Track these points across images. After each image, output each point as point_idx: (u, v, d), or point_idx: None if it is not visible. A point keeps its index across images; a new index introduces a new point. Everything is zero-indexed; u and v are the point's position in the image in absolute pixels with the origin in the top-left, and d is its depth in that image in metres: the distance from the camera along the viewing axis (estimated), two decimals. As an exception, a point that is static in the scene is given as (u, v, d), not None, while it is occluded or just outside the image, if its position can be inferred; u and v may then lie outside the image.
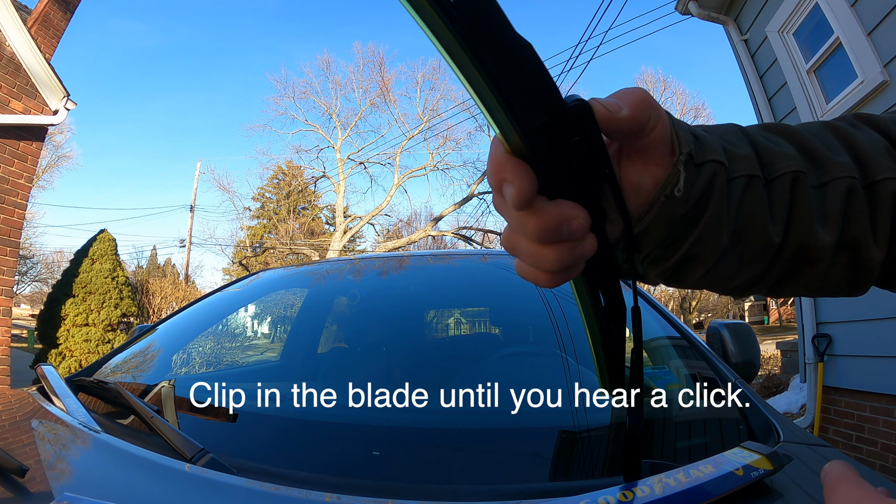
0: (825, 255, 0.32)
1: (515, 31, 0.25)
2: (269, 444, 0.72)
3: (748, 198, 0.30)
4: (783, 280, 0.34)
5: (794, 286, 0.35)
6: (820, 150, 0.33)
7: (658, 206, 0.29)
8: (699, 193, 0.29)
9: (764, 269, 0.33)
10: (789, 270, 0.33)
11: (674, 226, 0.30)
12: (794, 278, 0.34)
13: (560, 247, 0.28)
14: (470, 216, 21.70)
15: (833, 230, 0.32)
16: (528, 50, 0.25)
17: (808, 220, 0.31)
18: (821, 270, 0.33)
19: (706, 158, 0.30)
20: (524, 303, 1.17)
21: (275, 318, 2.36)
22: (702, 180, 0.29)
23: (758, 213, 0.31)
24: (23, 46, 3.94)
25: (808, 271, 0.33)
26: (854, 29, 2.78)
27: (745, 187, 0.30)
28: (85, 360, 5.77)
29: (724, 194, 0.30)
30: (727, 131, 0.33)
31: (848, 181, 0.32)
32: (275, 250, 18.52)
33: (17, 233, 4.09)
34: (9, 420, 0.83)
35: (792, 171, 0.31)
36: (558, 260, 0.28)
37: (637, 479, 0.50)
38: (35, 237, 21.05)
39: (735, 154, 0.31)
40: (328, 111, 16.52)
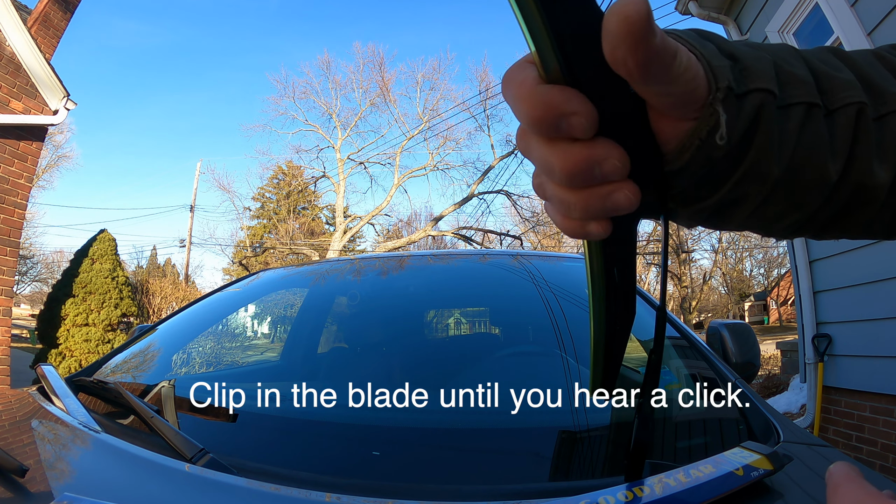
0: (880, 195, 0.29)
1: None
2: (269, 444, 0.72)
3: (808, 129, 0.26)
4: (831, 222, 0.31)
5: (841, 229, 0.32)
6: (876, 79, 0.29)
7: (691, 151, 0.25)
8: (742, 130, 0.25)
9: (815, 210, 0.29)
10: (840, 211, 0.30)
11: (712, 166, 0.25)
12: (843, 220, 0.31)
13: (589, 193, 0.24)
14: (470, 216, 21.67)
15: (891, 167, 0.29)
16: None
17: (868, 156, 0.28)
18: (873, 211, 0.30)
19: (750, 87, 0.25)
20: (524, 303, 1.17)
21: (275, 318, 2.36)
22: (745, 114, 0.25)
23: (817, 147, 0.27)
24: (23, 46, 3.94)
25: (860, 212, 0.30)
26: (854, 29, 2.78)
27: (804, 117, 0.26)
28: (85, 360, 5.77)
29: (775, 126, 0.25)
30: (781, 49, 0.29)
31: None
32: (275, 250, 18.52)
33: (17, 233, 4.09)
34: (9, 420, 0.83)
35: (857, 101, 0.28)
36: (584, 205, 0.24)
37: (637, 479, 0.50)
38: (35, 237, 21.08)
39: (791, 76, 0.27)
40: (328, 111, 16.52)
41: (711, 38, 0.27)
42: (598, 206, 0.24)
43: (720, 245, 20.33)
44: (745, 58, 0.26)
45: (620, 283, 0.30)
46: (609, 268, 0.29)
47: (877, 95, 0.29)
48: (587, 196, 0.24)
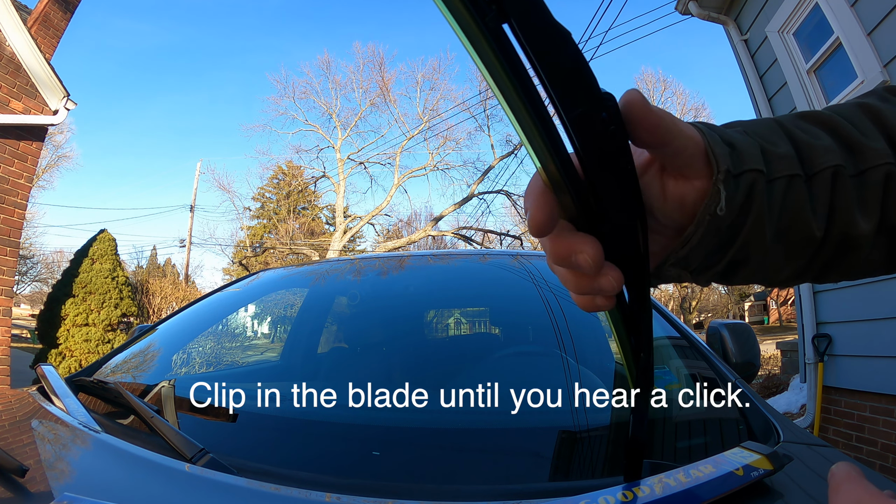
0: (866, 242, 0.33)
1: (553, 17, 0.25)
2: (269, 444, 0.72)
3: (790, 196, 0.31)
4: (826, 268, 0.35)
5: (836, 273, 0.35)
6: (855, 137, 0.33)
7: (704, 226, 0.30)
8: (740, 203, 0.30)
9: (808, 261, 0.33)
10: (832, 259, 0.34)
11: (720, 237, 0.31)
12: (836, 266, 0.34)
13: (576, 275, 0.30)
14: (470, 216, 21.68)
15: (872, 217, 0.32)
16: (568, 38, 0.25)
17: (849, 210, 0.32)
18: (861, 255, 0.33)
19: (744, 168, 0.30)
20: (524, 303, 1.17)
21: (275, 318, 2.36)
22: (741, 190, 0.30)
23: (800, 209, 0.31)
24: (23, 46, 3.94)
25: (849, 258, 0.34)
26: (854, 29, 2.78)
27: (786, 187, 0.31)
28: (85, 360, 5.77)
29: (765, 198, 0.30)
30: (765, 128, 0.33)
31: (885, 168, 0.32)
32: (275, 250, 18.51)
33: (17, 233, 4.09)
34: (9, 420, 0.83)
35: (832, 165, 0.31)
36: (576, 286, 0.30)
37: (637, 479, 0.50)
38: (35, 237, 21.07)
39: (774, 154, 0.31)
40: (328, 111, 16.52)
41: (715, 129, 0.32)
42: (587, 286, 0.30)
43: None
44: (739, 145, 0.31)
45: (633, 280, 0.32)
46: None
47: (857, 153, 0.32)
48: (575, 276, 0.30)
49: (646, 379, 0.39)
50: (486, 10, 0.24)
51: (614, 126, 0.28)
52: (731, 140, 0.31)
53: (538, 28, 0.25)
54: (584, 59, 0.26)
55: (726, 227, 0.30)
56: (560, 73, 0.26)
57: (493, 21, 0.24)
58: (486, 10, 0.24)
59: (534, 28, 0.25)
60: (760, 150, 0.31)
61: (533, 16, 0.24)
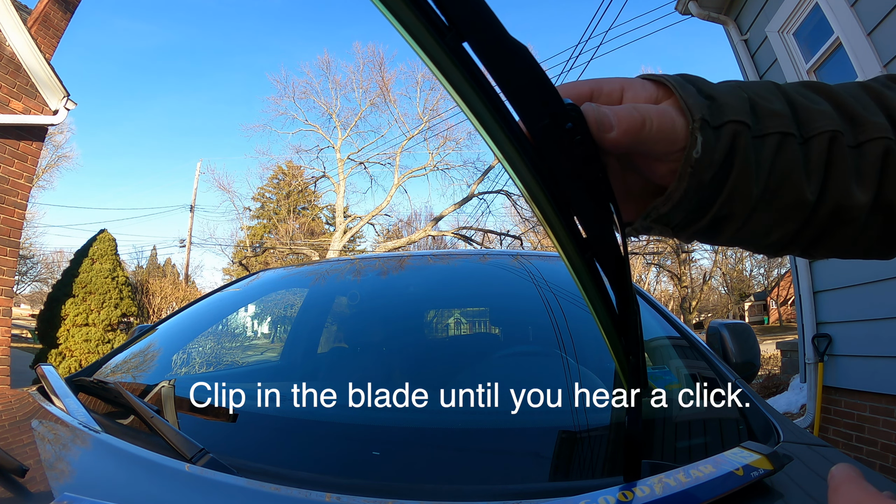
0: (860, 215, 0.32)
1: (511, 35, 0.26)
2: (269, 444, 0.72)
3: (782, 155, 0.30)
4: (817, 240, 0.34)
5: (827, 247, 0.35)
6: (857, 110, 0.32)
7: (686, 180, 0.30)
8: (722, 155, 0.30)
9: (798, 228, 0.33)
10: (824, 230, 0.33)
11: (702, 192, 0.30)
12: (828, 238, 0.34)
13: None
14: (470, 216, 21.67)
15: (869, 190, 0.32)
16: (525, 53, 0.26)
17: (845, 179, 0.31)
18: (855, 231, 0.33)
19: (725, 119, 0.30)
20: (524, 303, 1.17)
21: (275, 318, 2.36)
22: (722, 142, 0.30)
23: (792, 170, 0.31)
24: (23, 46, 3.94)
25: (842, 231, 0.33)
26: (854, 29, 2.78)
27: (778, 144, 0.30)
28: (85, 360, 5.77)
29: (751, 152, 0.30)
30: (762, 87, 0.33)
31: (885, 142, 0.32)
32: (275, 250, 18.51)
33: (17, 233, 4.09)
34: (9, 420, 0.83)
35: (830, 129, 0.31)
36: None
37: (637, 479, 0.50)
38: (35, 237, 21.08)
39: (767, 109, 0.31)
40: (328, 111, 16.52)
41: (693, 82, 0.32)
42: None
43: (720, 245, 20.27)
44: (722, 97, 0.31)
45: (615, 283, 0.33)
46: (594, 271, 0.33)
47: (857, 125, 0.32)
48: None
49: (638, 379, 0.39)
50: (444, 31, 0.24)
51: (580, 135, 0.28)
52: (711, 93, 0.31)
53: (494, 45, 0.25)
54: (542, 73, 0.27)
55: (709, 179, 0.30)
56: (520, 88, 0.26)
57: (452, 41, 0.25)
58: (444, 31, 0.24)
59: (490, 46, 0.25)
60: (750, 105, 0.31)
61: (488, 34, 0.25)
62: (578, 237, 0.31)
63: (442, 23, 0.24)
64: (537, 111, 0.27)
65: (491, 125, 0.27)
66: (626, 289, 0.34)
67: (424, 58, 0.25)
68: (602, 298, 0.34)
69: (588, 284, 0.34)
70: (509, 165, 0.28)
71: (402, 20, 0.24)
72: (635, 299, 0.36)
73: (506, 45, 0.26)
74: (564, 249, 0.32)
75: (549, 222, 0.30)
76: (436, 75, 0.26)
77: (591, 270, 0.33)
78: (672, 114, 0.30)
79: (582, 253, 0.32)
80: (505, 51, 0.26)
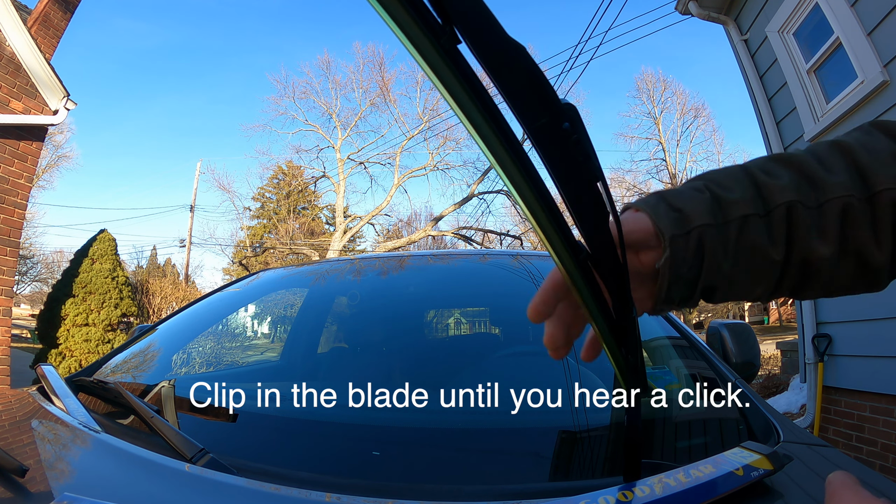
0: (826, 265, 0.38)
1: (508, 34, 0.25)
2: (269, 444, 0.72)
3: (745, 233, 0.38)
4: (798, 288, 0.40)
5: (809, 290, 0.40)
6: (818, 174, 0.38)
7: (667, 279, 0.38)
8: (692, 253, 0.37)
9: (776, 281, 0.39)
10: (800, 280, 0.39)
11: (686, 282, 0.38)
12: (806, 285, 0.40)
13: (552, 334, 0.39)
14: (470, 216, 21.67)
15: (831, 243, 0.37)
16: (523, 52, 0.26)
17: (807, 238, 0.37)
18: (829, 277, 0.38)
19: (691, 227, 0.37)
20: (524, 303, 1.17)
21: (275, 318, 2.36)
22: (691, 243, 0.37)
23: (756, 241, 0.38)
24: (23, 46, 3.93)
25: (816, 279, 0.39)
26: (854, 29, 2.78)
27: (739, 226, 0.38)
28: (85, 360, 5.77)
29: (717, 241, 0.38)
30: (726, 176, 0.40)
31: (843, 200, 0.37)
32: (275, 250, 18.51)
33: (17, 233, 4.09)
34: (9, 420, 0.83)
35: (786, 201, 0.38)
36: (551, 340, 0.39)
37: (637, 479, 0.50)
38: (35, 237, 21.07)
39: (727, 200, 0.38)
40: (328, 111, 16.53)
41: (665, 198, 0.39)
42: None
43: (720, 245, 20.25)
44: (687, 206, 0.38)
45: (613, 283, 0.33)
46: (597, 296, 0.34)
47: (817, 188, 0.38)
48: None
49: (636, 380, 0.39)
50: (440, 31, 0.24)
51: (577, 135, 0.28)
52: (679, 205, 0.39)
53: (492, 45, 0.25)
54: (540, 72, 0.27)
55: (686, 271, 0.37)
56: (517, 87, 0.26)
57: (448, 42, 0.24)
58: (440, 32, 0.24)
59: (487, 45, 0.25)
60: (712, 203, 0.38)
61: (485, 33, 0.25)
62: (571, 239, 0.31)
63: (437, 23, 0.24)
64: (535, 110, 0.27)
65: (484, 130, 0.27)
66: (624, 288, 0.35)
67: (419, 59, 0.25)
68: (596, 300, 0.34)
69: (581, 286, 0.34)
70: (500, 167, 0.28)
71: (397, 20, 0.24)
72: (630, 298, 0.36)
73: (503, 44, 0.25)
74: (556, 251, 0.32)
75: (542, 227, 0.30)
76: (429, 77, 0.26)
77: (585, 272, 0.33)
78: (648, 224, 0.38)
79: (575, 255, 0.32)
80: (502, 50, 0.26)
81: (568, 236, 0.31)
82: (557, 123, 0.28)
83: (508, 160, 0.28)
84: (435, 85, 0.26)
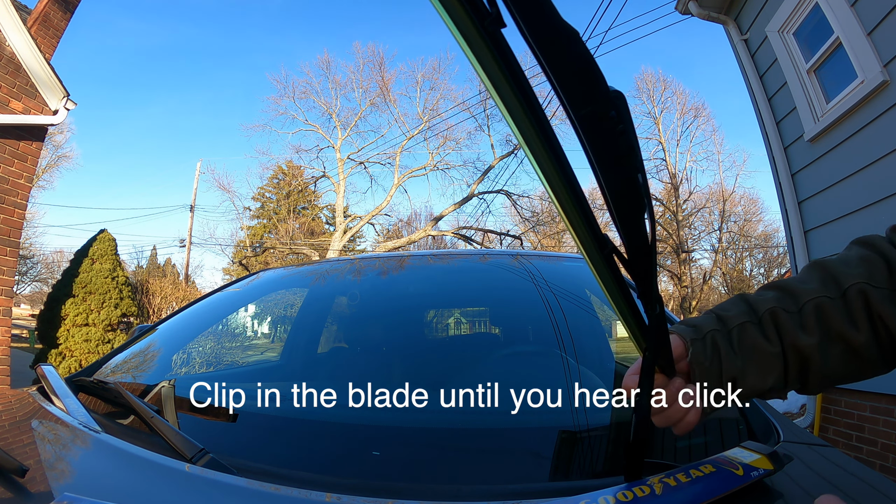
0: (815, 352, 0.50)
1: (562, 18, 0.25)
2: (269, 444, 0.72)
3: (744, 335, 0.52)
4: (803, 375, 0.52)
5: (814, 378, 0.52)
6: (796, 287, 0.53)
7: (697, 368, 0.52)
8: (710, 350, 0.51)
9: (783, 372, 0.51)
10: (800, 368, 0.51)
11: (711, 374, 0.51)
12: (808, 372, 0.51)
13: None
14: (470, 216, 21.64)
15: (813, 334, 0.50)
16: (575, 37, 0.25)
17: (793, 331, 0.51)
18: (820, 362, 0.50)
19: (704, 332, 0.52)
20: (524, 303, 1.17)
21: (275, 318, 2.36)
22: (708, 344, 0.52)
23: (755, 340, 0.51)
24: (23, 46, 3.93)
25: (812, 364, 0.51)
26: (854, 29, 2.78)
27: (739, 330, 0.52)
28: (85, 360, 5.77)
29: (725, 341, 0.52)
30: (729, 303, 0.56)
31: (816, 300, 0.51)
32: (275, 250, 18.51)
33: (17, 233, 4.09)
34: (9, 420, 0.83)
35: (769, 308, 0.52)
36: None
37: (637, 479, 0.50)
38: (35, 237, 21.07)
39: (727, 316, 0.53)
40: (328, 111, 16.53)
41: (686, 322, 0.55)
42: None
43: (720, 245, 20.33)
44: (700, 323, 0.54)
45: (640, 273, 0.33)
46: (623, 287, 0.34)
47: (794, 297, 0.53)
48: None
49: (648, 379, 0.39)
50: (484, 14, 0.24)
51: (623, 125, 0.27)
52: (694, 323, 0.54)
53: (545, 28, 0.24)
54: (591, 58, 0.26)
55: (708, 364, 0.51)
56: (567, 73, 0.26)
57: (491, 25, 0.24)
58: (484, 14, 0.24)
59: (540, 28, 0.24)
60: (717, 319, 0.53)
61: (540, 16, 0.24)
62: (598, 232, 0.31)
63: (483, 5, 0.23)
64: (583, 97, 0.26)
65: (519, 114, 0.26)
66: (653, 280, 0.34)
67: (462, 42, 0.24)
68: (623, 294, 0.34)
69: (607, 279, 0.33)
70: (532, 156, 0.28)
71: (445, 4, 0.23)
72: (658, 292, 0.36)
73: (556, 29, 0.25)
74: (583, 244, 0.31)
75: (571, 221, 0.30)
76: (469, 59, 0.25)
77: (610, 265, 0.33)
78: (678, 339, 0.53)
79: (601, 248, 0.31)
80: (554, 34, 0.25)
81: (595, 229, 0.31)
82: (605, 112, 0.27)
83: (541, 149, 0.27)
84: (474, 67, 0.25)
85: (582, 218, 0.30)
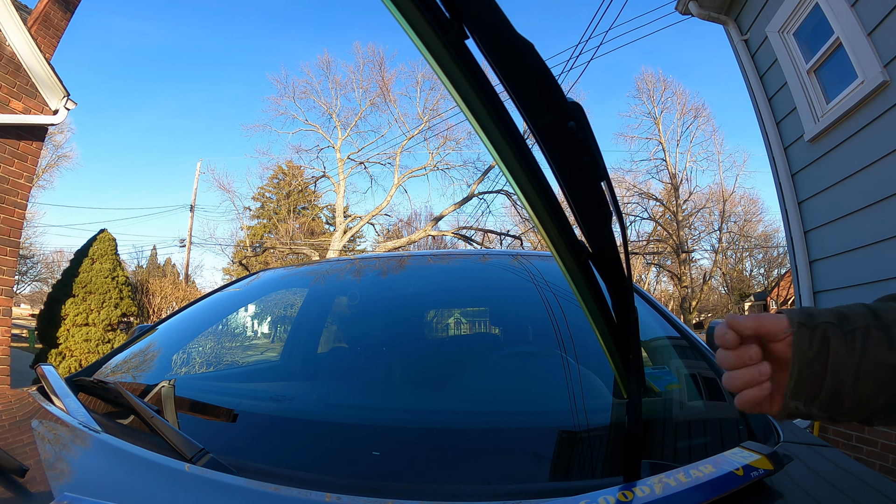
0: None
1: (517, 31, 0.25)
2: (269, 444, 0.72)
3: (868, 339, 0.45)
4: None
5: None
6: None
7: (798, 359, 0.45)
8: (819, 342, 0.45)
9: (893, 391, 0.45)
10: None
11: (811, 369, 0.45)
12: None
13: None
14: (470, 216, 21.73)
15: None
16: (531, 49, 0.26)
17: None
18: None
19: (817, 322, 0.46)
20: (524, 303, 1.17)
21: (275, 318, 2.36)
22: (818, 335, 0.45)
23: (878, 346, 0.45)
24: (23, 46, 3.93)
25: None
26: (854, 29, 2.78)
27: (864, 334, 0.45)
28: (85, 360, 5.77)
29: (840, 339, 0.45)
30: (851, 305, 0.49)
31: None
32: (275, 250, 18.51)
33: (17, 233, 4.09)
34: (9, 420, 0.83)
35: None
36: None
37: (637, 479, 0.50)
38: (35, 237, 21.07)
39: (850, 314, 0.47)
40: (328, 111, 16.53)
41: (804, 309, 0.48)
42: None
43: (720, 245, 20.32)
44: (816, 313, 0.47)
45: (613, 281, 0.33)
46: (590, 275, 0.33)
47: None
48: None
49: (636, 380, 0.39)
50: (448, 27, 0.24)
51: (582, 134, 0.28)
52: (811, 312, 0.47)
53: (500, 41, 0.25)
54: (547, 70, 0.27)
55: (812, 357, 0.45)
56: (524, 85, 0.26)
57: (455, 38, 0.24)
58: (448, 28, 0.24)
59: (496, 41, 0.25)
60: (838, 315, 0.46)
61: (494, 29, 0.25)
62: (573, 238, 0.31)
63: (445, 18, 0.24)
64: (540, 108, 0.27)
65: (489, 127, 0.27)
66: (625, 287, 0.35)
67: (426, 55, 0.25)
68: (596, 299, 0.34)
69: (581, 285, 0.34)
70: (503, 164, 0.28)
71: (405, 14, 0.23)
72: (633, 298, 0.36)
73: (511, 41, 0.25)
74: (557, 249, 0.32)
75: (544, 225, 0.30)
76: (436, 72, 0.26)
77: (585, 271, 0.33)
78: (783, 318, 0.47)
79: (576, 254, 0.32)
80: (510, 46, 0.25)
81: (570, 235, 0.31)
82: (563, 122, 0.27)
83: (512, 157, 0.28)
84: (441, 80, 0.26)
85: (556, 225, 0.30)
